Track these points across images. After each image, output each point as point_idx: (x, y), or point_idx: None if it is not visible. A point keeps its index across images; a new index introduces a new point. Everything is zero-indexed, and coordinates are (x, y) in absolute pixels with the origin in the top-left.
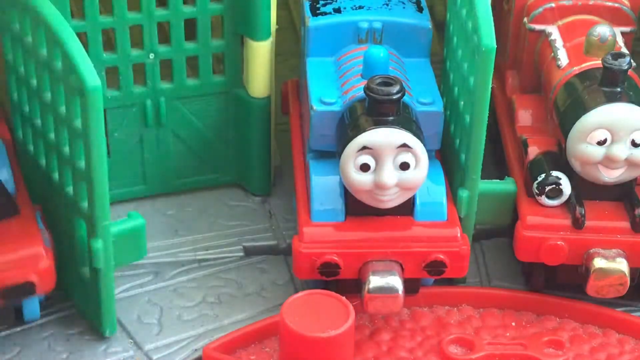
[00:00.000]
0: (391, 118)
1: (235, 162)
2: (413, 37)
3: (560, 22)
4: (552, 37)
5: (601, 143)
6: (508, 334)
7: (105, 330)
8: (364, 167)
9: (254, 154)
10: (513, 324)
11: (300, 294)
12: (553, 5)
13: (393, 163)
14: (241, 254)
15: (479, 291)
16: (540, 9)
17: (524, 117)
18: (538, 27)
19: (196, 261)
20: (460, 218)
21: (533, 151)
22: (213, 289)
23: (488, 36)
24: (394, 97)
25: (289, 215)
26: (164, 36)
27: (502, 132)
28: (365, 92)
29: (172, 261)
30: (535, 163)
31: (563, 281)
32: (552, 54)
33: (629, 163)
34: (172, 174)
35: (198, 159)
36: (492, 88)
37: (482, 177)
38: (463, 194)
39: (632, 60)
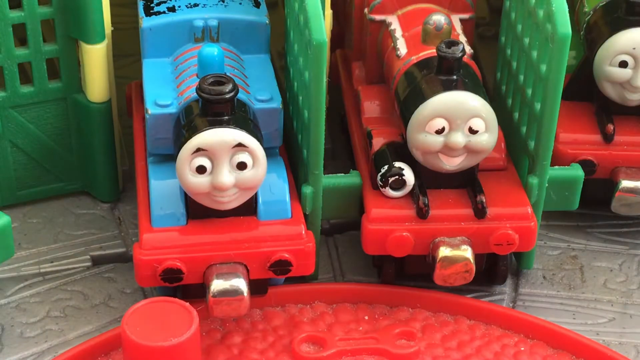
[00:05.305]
0: (225, 117)
1: (80, 169)
2: (251, 34)
3: (399, 12)
4: (392, 27)
5: (439, 132)
6: (361, 328)
7: None
8: (200, 170)
9: (98, 160)
10: (366, 317)
11: (142, 302)
12: None
13: (230, 163)
14: (89, 263)
15: (331, 287)
16: None
17: (370, 108)
18: (378, 17)
19: (40, 274)
20: (305, 215)
21: (378, 142)
22: (58, 303)
23: (318, 31)
24: (227, 96)
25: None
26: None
27: (350, 124)
28: (197, 92)
29: (14, 276)
30: (379, 154)
31: (413, 272)
32: (392, 44)
33: (468, 150)
34: (14, 185)
35: (41, 168)
36: (342, 81)
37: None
38: (307, 190)
39: (465, 48)
